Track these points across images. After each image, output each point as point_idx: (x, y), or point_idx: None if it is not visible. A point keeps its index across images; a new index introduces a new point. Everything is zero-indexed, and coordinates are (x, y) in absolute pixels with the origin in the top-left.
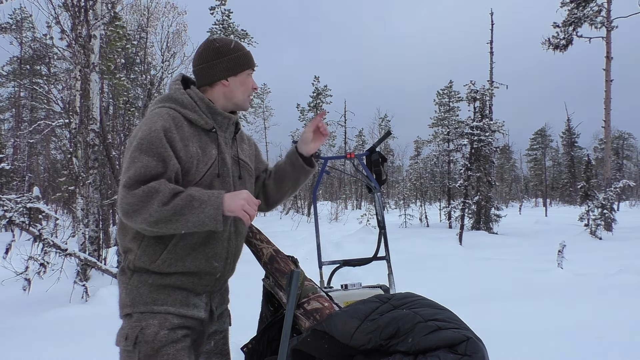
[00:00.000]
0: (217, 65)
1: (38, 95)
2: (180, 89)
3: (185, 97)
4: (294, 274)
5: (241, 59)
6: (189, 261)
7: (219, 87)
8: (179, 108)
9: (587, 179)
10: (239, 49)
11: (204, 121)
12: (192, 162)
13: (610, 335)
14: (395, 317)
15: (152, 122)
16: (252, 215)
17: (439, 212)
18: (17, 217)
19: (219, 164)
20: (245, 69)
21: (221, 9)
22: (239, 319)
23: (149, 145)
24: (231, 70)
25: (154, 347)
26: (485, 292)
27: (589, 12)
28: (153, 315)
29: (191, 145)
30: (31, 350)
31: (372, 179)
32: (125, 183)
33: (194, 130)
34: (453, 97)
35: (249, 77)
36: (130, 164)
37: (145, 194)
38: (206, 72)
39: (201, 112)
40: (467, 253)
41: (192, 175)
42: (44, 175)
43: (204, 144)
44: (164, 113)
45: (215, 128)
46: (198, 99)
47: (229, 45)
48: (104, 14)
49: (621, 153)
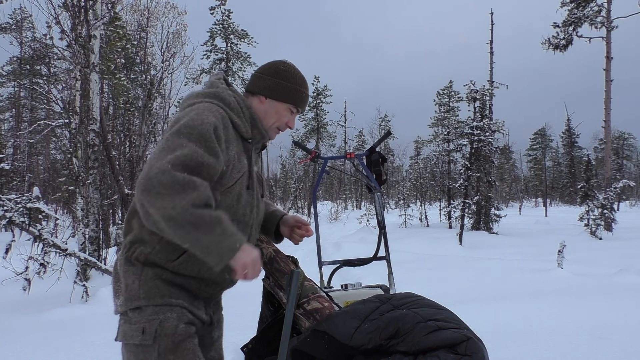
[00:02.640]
0: (267, 81)
1: (38, 95)
2: (227, 90)
3: (232, 99)
4: (294, 274)
5: (291, 91)
6: (205, 268)
7: (256, 100)
8: (226, 109)
9: (587, 179)
10: (296, 83)
11: (245, 129)
12: (229, 165)
13: (610, 335)
14: (395, 317)
15: (204, 115)
16: (247, 279)
17: (439, 212)
18: (17, 217)
19: (248, 175)
20: (288, 102)
21: (221, 9)
22: (239, 319)
23: (198, 137)
24: (274, 93)
25: (175, 341)
26: (485, 292)
27: (589, 12)
28: (171, 308)
29: (232, 149)
30: (31, 350)
31: (372, 179)
32: (171, 160)
33: (235, 134)
34: (453, 97)
35: (287, 112)
36: (177, 147)
37: (185, 182)
38: (256, 80)
39: (244, 119)
40: (467, 253)
41: (225, 179)
42: (44, 175)
43: (240, 150)
44: (214, 109)
45: (251, 139)
46: (244, 106)
47: (291, 73)
48: (104, 14)
49: (621, 153)
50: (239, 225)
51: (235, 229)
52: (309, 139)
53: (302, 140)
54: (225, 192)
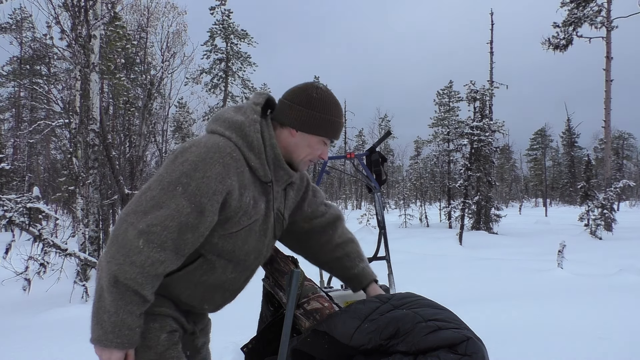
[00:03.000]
0: (298, 112)
1: (38, 95)
2: (256, 124)
3: (257, 137)
4: (293, 274)
5: (324, 123)
6: (184, 296)
7: (286, 132)
8: (244, 149)
9: (587, 179)
10: (330, 113)
11: (263, 172)
12: (238, 213)
13: (610, 335)
14: (395, 317)
15: (210, 162)
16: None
17: (439, 212)
18: (17, 217)
19: (263, 221)
20: (321, 135)
21: (221, 9)
22: (239, 319)
23: (194, 190)
24: (305, 126)
25: (157, 352)
26: (485, 292)
27: (589, 12)
28: (154, 317)
29: (245, 196)
30: (31, 350)
31: (372, 179)
32: (142, 230)
33: (252, 178)
34: (453, 97)
35: (321, 144)
36: (157, 203)
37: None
38: (286, 110)
39: (265, 161)
40: (467, 253)
41: (229, 225)
42: (44, 175)
43: (258, 194)
44: (226, 153)
45: (272, 182)
46: (269, 146)
47: (324, 102)
48: (104, 14)
49: (621, 153)
50: (237, 266)
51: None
52: None
53: None
54: (226, 237)
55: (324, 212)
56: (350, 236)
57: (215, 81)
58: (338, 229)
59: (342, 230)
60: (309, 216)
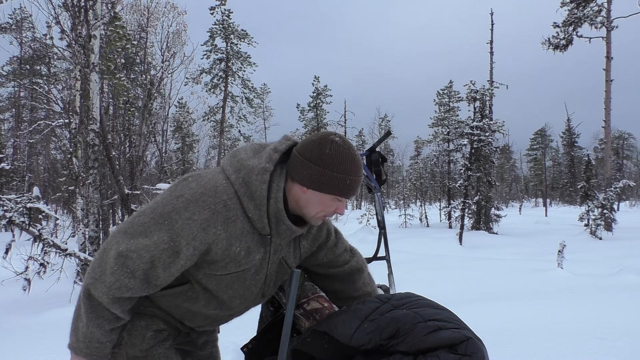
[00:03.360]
0: (309, 169)
1: (38, 95)
2: (265, 175)
3: (261, 188)
4: (294, 274)
5: (336, 182)
6: (164, 307)
7: (297, 188)
8: (244, 197)
9: (587, 179)
10: (344, 171)
11: (262, 225)
12: (224, 259)
13: (610, 335)
14: (395, 317)
15: (201, 205)
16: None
17: (439, 212)
18: (17, 217)
19: (255, 271)
20: (334, 194)
21: (221, 9)
22: (239, 319)
23: (178, 230)
24: (316, 185)
25: (142, 349)
26: (485, 292)
27: (589, 12)
28: (140, 315)
29: (235, 246)
30: (31, 350)
31: (372, 179)
32: (121, 252)
33: (248, 227)
34: (453, 97)
35: (333, 201)
36: (144, 231)
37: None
38: (297, 165)
39: (266, 213)
40: (467, 253)
41: (215, 267)
42: (44, 175)
43: (253, 245)
44: (220, 200)
45: (272, 235)
46: (273, 199)
47: (338, 159)
48: (104, 14)
49: (621, 153)
50: (221, 305)
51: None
52: None
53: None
54: (211, 277)
55: (346, 261)
56: (370, 289)
57: (215, 81)
58: (357, 283)
59: (363, 282)
60: (326, 264)
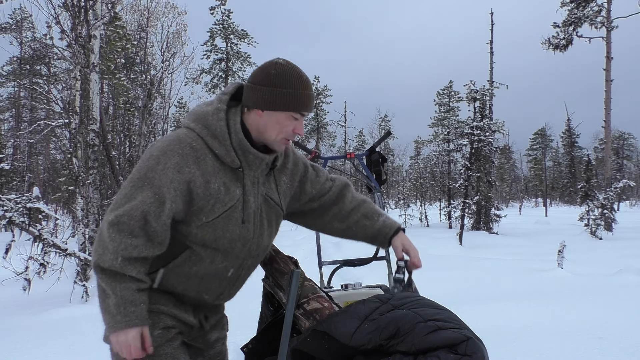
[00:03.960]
0: (259, 92)
1: (38, 95)
2: (220, 113)
3: (220, 124)
4: (294, 274)
5: (288, 98)
6: (180, 288)
7: (254, 115)
8: (207, 137)
9: (587, 179)
10: (292, 86)
11: (230, 159)
12: (209, 200)
13: (610, 335)
14: (395, 317)
15: (169, 154)
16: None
17: (439, 212)
18: (17, 217)
19: (242, 207)
20: (287, 110)
21: (221, 9)
22: (239, 319)
23: (157, 183)
24: (268, 104)
25: None
26: (485, 292)
27: (589, 12)
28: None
29: (213, 182)
30: (31, 350)
31: (372, 179)
32: (112, 221)
33: (219, 165)
34: (453, 97)
35: (290, 119)
36: (128, 198)
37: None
38: (249, 92)
39: (231, 147)
40: (467, 253)
41: (204, 214)
42: (44, 175)
43: (229, 180)
44: (185, 144)
45: (243, 167)
46: (233, 132)
47: (285, 76)
48: (104, 14)
49: (621, 153)
50: (226, 255)
51: (127, 308)
52: (309, 139)
53: (302, 140)
54: (204, 227)
55: (330, 186)
56: (362, 197)
57: (215, 81)
58: (347, 197)
59: (352, 196)
60: (316, 196)
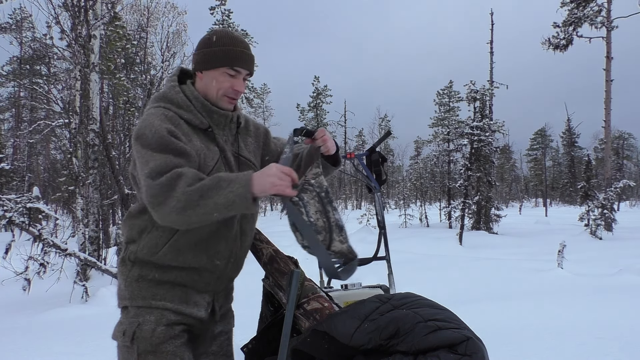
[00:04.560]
0: (197, 56)
1: (38, 95)
2: (175, 87)
3: (179, 96)
4: (294, 274)
5: (217, 55)
6: (190, 257)
7: (198, 79)
8: (173, 108)
9: (587, 179)
10: (222, 44)
11: (199, 121)
12: (200, 155)
13: (610, 335)
14: (395, 317)
15: (150, 123)
16: (286, 187)
17: (439, 212)
18: (17, 217)
19: (223, 161)
20: (219, 67)
21: (221, 9)
22: (239, 318)
23: (158, 145)
24: (205, 64)
25: (152, 344)
26: (485, 292)
27: (589, 12)
28: (150, 310)
29: (195, 140)
30: (31, 350)
31: (372, 179)
32: (148, 175)
33: (192, 129)
34: (453, 97)
35: (225, 75)
36: (148, 160)
37: (169, 180)
38: (192, 60)
39: (196, 111)
40: (467, 253)
41: (202, 169)
42: (44, 175)
43: (205, 141)
44: (159, 113)
45: (212, 127)
46: (193, 98)
47: (216, 37)
48: (104, 14)
49: (621, 153)
50: None
51: (236, 173)
52: None
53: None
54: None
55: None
56: None
57: None
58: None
59: None
60: (272, 155)
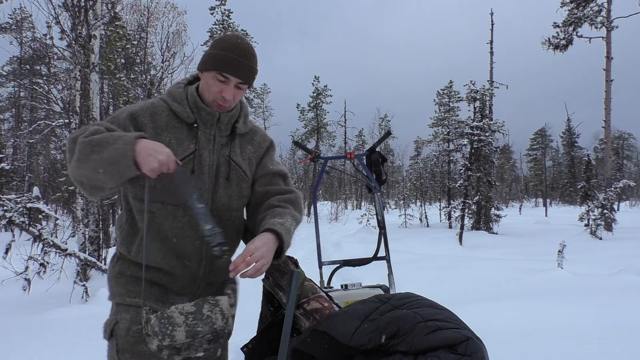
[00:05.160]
0: (203, 55)
1: (38, 95)
2: (179, 84)
3: (179, 91)
4: (294, 274)
5: (212, 57)
6: (160, 257)
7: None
8: (169, 101)
9: (587, 179)
10: (219, 47)
11: (186, 114)
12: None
13: (610, 335)
14: (395, 317)
15: (134, 106)
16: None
17: (439, 212)
18: (17, 217)
19: (194, 159)
20: (210, 69)
21: (221, 9)
22: (239, 319)
23: (111, 118)
24: (200, 64)
25: (129, 342)
26: (485, 292)
27: (589, 12)
28: (126, 308)
29: (165, 135)
30: (31, 350)
31: (372, 179)
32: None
33: (175, 122)
34: (453, 97)
35: (214, 80)
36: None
37: (77, 133)
38: None
39: (187, 105)
40: (467, 253)
41: None
42: (44, 175)
43: (183, 137)
44: (148, 102)
45: (198, 123)
46: (189, 94)
47: (219, 41)
48: (104, 14)
49: (621, 153)
50: (186, 209)
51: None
52: (309, 139)
53: (302, 140)
54: (161, 179)
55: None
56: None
57: None
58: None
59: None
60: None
